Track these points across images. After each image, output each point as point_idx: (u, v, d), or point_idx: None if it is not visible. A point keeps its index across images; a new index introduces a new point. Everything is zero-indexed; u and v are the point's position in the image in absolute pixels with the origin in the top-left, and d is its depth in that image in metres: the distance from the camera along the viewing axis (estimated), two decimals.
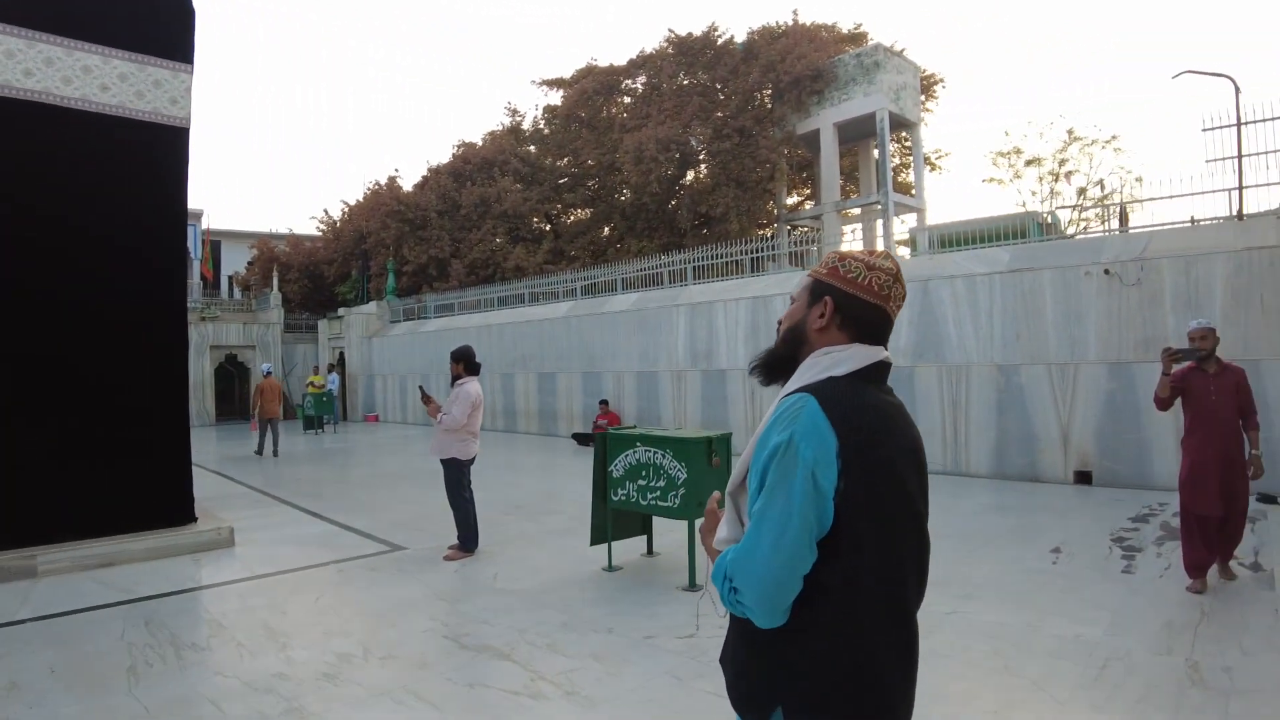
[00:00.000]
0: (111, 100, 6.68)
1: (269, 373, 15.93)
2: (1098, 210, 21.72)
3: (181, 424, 7.39)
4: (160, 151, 7.06)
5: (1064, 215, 21.03)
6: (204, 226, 31.82)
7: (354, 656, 4.36)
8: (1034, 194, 25.84)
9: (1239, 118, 9.23)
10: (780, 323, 1.65)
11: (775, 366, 1.62)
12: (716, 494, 1.65)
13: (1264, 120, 8.96)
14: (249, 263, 33.53)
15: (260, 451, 15.25)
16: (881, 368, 1.52)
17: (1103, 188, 24.42)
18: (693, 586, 5.49)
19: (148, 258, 7.07)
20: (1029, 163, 25.92)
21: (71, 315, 6.62)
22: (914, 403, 10.94)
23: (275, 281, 28.02)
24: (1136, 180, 23.09)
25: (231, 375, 26.25)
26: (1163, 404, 5.32)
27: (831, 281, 1.56)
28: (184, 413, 7.45)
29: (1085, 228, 21.68)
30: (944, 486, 9.65)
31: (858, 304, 1.53)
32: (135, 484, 6.89)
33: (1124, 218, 14.77)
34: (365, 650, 4.46)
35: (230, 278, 36.06)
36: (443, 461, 6.64)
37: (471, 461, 6.71)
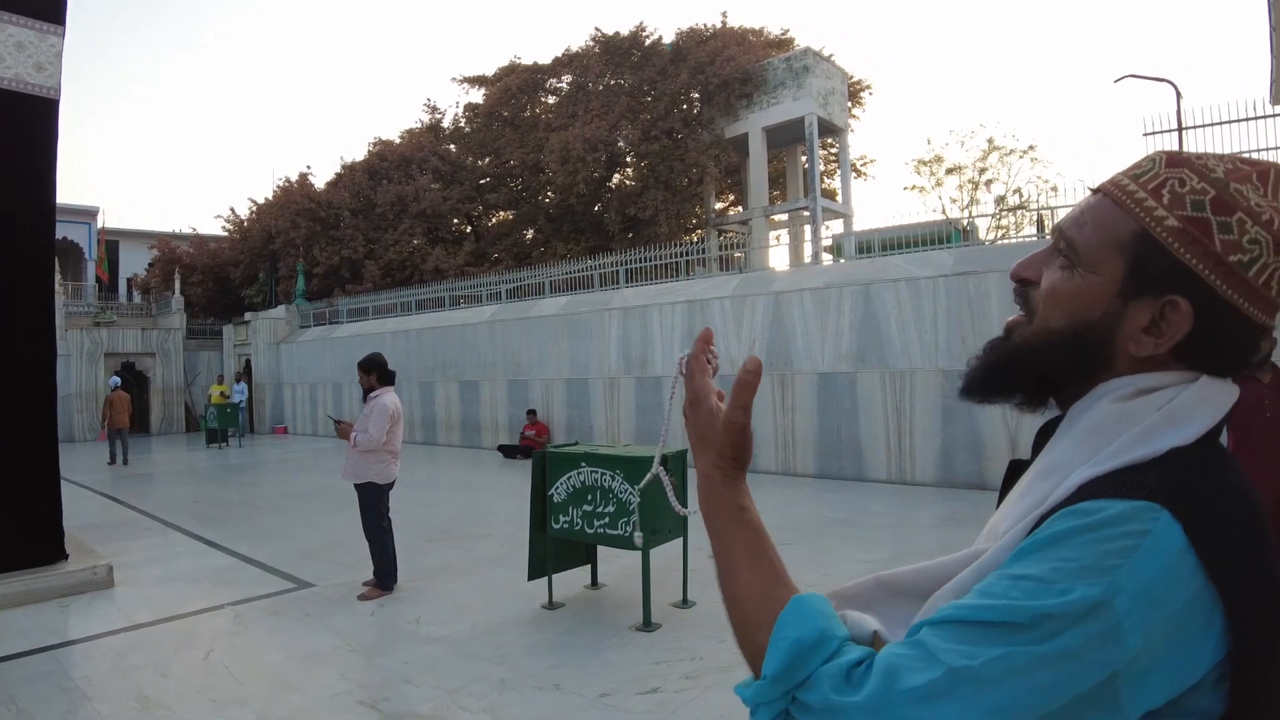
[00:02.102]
0: None
1: (117, 386, 16.23)
2: (1014, 218, 22.16)
3: (48, 445, 6.35)
4: (22, 125, 6.05)
5: (982, 223, 21.35)
6: (100, 225, 29.81)
7: None
8: (954, 201, 26.30)
9: (1180, 122, 9.16)
10: (1024, 282, 0.85)
11: (1014, 387, 0.84)
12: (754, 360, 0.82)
13: (1206, 125, 8.89)
14: (149, 264, 31.61)
15: (113, 461, 15.51)
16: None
17: (1020, 196, 24.98)
18: (647, 626, 4.87)
19: (6, 252, 6.06)
20: (950, 171, 26.36)
21: None
22: (856, 410, 10.60)
23: (177, 284, 26.26)
24: (1052, 189, 23.66)
25: (129, 384, 24.34)
26: None
27: (1193, 259, 0.72)
28: (51, 431, 6.41)
29: (1004, 235, 22.04)
30: (891, 496, 9.33)
31: (1238, 323, 0.74)
32: None
33: (1041, 225, 14.97)
34: None
35: (128, 280, 34.05)
36: (357, 486, 5.85)
37: (391, 486, 5.94)
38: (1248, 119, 9.03)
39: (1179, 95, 9.15)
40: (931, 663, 0.63)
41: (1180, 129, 9.19)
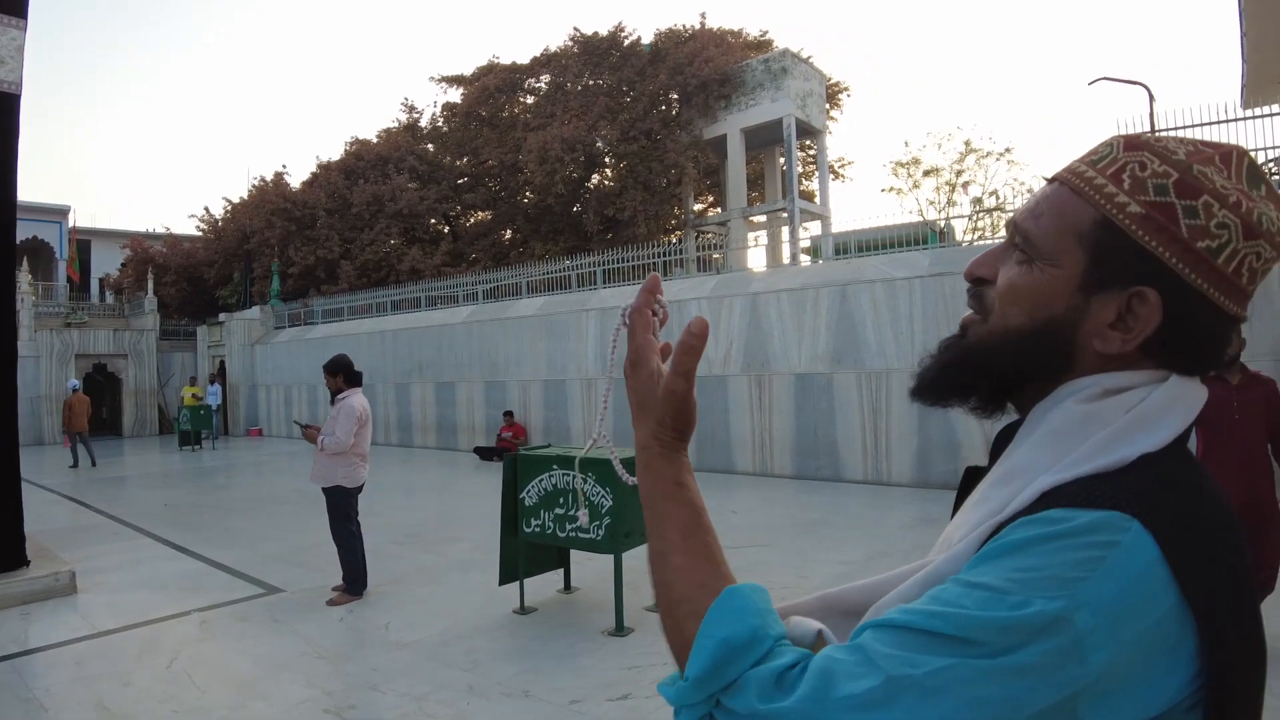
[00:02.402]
0: None
1: (76, 388, 16.30)
2: (990, 220, 22.32)
3: (7, 446, 6.23)
4: None
5: (959, 225, 21.50)
6: (71, 224, 29.39)
7: None
8: (931, 203, 26.45)
9: (1153, 125, 9.25)
10: (979, 281, 0.79)
11: (970, 388, 0.78)
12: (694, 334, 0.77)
13: (1178, 128, 8.98)
14: (121, 264, 31.19)
15: (75, 464, 15.45)
16: None
17: (997, 198, 25.17)
18: (619, 630, 4.83)
19: None
20: (927, 173, 26.50)
21: None
22: (833, 410, 10.61)
23: (150, 284, 25.86)
24: (1027, 191, 23.85)
25: (101, 386, 23.93)
26: None
27: (1159, 247, 0.67)
28: (11, 432, 6.29)
29: (980, 236, 22.19)
30: (867, 497, 9.35)
31: (1209, 314, 0.69)
32: None
33: None
34: None
35: (100, 280, 33.57)
36: (325, 490, 5.77)
37: (359, 489, 5.86)
38: (1220, 121, 9.14)
39: (1152, 98, 9.27)
40: (871, 669, 0.58)
41: (1153, 131, 9.27)
